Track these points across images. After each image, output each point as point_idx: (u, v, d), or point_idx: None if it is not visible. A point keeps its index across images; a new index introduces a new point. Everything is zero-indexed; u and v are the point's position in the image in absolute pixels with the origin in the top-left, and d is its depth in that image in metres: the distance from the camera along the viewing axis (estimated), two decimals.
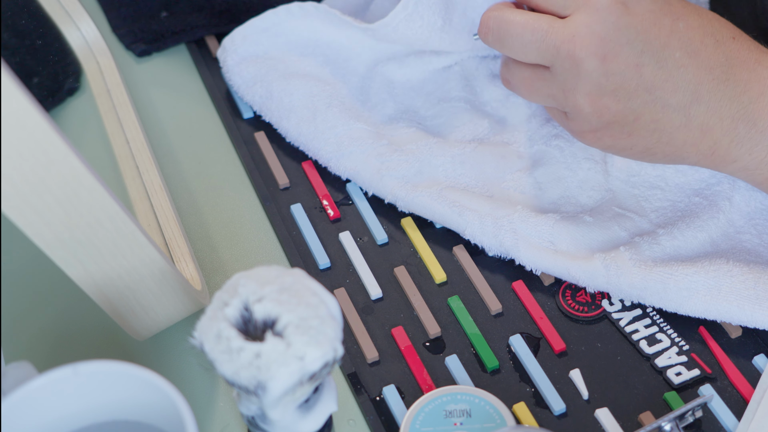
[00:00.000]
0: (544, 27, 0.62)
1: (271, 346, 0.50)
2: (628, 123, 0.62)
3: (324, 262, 0.69)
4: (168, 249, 0.69)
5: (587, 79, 0.61)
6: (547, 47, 0.62)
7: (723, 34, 0.62)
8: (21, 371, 0.56)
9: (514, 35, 0.63)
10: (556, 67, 0.62)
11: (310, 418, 0.55)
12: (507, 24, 0.63)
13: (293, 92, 0.75)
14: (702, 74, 0.61)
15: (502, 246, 0.67)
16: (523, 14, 0.63)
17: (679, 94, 0.61)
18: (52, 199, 0.52)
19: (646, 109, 0.62)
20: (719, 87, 0.61)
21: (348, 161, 0.72)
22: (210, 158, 0.77)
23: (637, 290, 0.64)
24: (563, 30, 0.61)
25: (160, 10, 0.86)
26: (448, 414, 0.60)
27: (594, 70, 0.61)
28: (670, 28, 0.61)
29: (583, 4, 0.61)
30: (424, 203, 0.69)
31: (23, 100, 0.49)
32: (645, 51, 0.61)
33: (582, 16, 0.61)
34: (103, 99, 0.80)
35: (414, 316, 0.66)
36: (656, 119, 0.62)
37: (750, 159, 0.63)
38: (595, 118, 0.62)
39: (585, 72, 0.61)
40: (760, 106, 0.61)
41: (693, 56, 0.61)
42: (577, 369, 0.63)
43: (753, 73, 0.62)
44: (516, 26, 0.63)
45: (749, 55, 0.62)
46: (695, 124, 0.62)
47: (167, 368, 0.64)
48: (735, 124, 0.62)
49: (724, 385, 0.62)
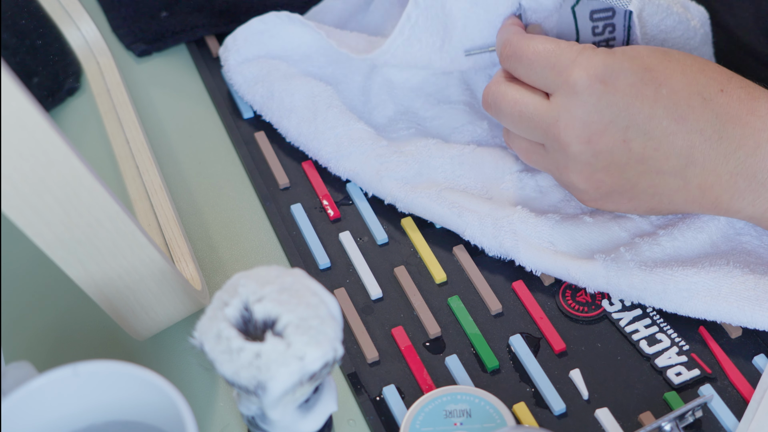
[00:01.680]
0: (530, 108, 0.63)
1: (271, 346, 0.50)
2: (626, 191, 0.63)
3: (324, 262, 0.69)
4: (168, 249, 0.69)
5: (576, 160, 0.62)
6: (536, 128, 0.63)
7: (710, 88, 0.60)
8: (21, 371, 0.56)
9: (507, 113, 0.64)
10: (547, 146, 0.63)
11: (310, 418, 0.55)
12: (500, 99, 0.64)
13: (294, 92, 0.75)
14: (693, 138, 0.60)
15: (502, 247, 0.67)
16: (515, 90, 0.64)
17: (672, 160, 0.60)
18: (52, 199, 0.52)
19: (641, 178, 0.62)
20: (712, 147, 0.60)
21: (347, 162, 0.72)
22: (210, 158, 0.77)
23: (637, 291, 0.64)
24: (548, 113, 0.62)
25: (160, 10, 0.86)
26: (448, 414, 0.60)
27: (581, 153, 0.61)
28: (654, 98, 0.60)
29: (562, 84, 0.61)
30: (424, 204, 0.69)
31: (23, 100, 0.49)
32: (630, 126, 0.60)
33: (563, 99, 0.61)
34: (103, 99, 0.80)
35: (414, 316, 0.66)
36: (653, 185, 0.62)
37: (753, 210, 0.62)
38: (593, 191, 0.63)
39: (573, 154, 0.61)
40: (757, 159, 0.60)
41: (681, 121, 0.60)
42: (577, 369, 0.63)
43: (746, 128, 0.60)
44: (508, 103, 0.64)
45: (740, 107, 0.60)
46: (693, 185, 0.61)
47: (167, 368, 0.64)
48: (734, 179, 0.60)
49: (724, 385, 0.62)
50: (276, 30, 0.78)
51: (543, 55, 0.62)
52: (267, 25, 0.78)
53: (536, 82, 0.63)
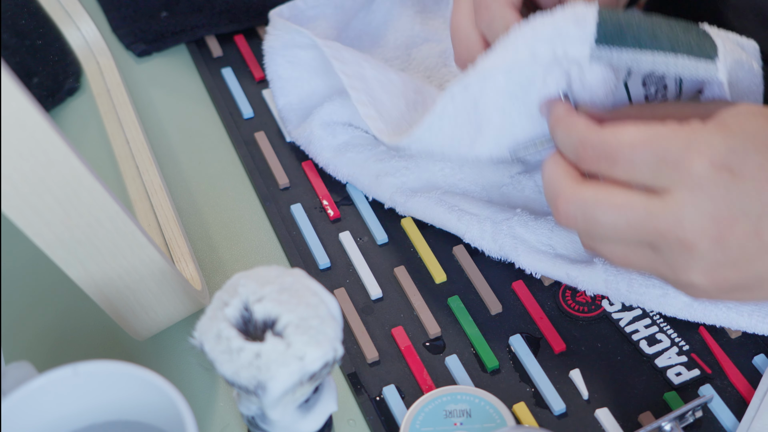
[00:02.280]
0: (641, 213, 0.53)
1: (271, 346, 0.50)
2: (752, 285, 0.55)
3: (324, 262, 0.69)
4: (168, 249, 0.69)
5: (701, 259, 0.53)
6: (649, 233, 0.53)
7: None
8: (21, 371, 0.56)
9: (607, 223, 0.54)
10: (662, 249, 0.54)
11: (310, 418, 0.55)
12: (594, 209, 0.54)
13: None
14: None
15: (502, 250, 0.67)
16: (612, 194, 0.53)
17: None
18: (52, 199, 0.52)
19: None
20: None
21: (346, 167, 0.72)
22: (210, 158, 0.77)
23: (637, 295, 0.64)
24: (665, 215, 0.52)
25: (160, 10, 0.86)
26: (448, 414, 0.60)
27: (709, 251, 0.52)
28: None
29: (680, 179, 0.52)
30: (423, 208, 0.69)
31: (23, 100, 0.49)
32: (763, 215, 0.52)
33: (684, 194, 0.52)
34: (103, 99, 0.80)
35: (414, 316, 0.66)
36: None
37: None
38: (713, 288, 0.55)
39: (699, 254, 0.53)
40: None
41: None
42: (577, 369, 0.63)
43: None
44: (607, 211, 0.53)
45: None
46: None
47: (167, 368, 0.64)
48: None
49: (724, 385, 0.62)
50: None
51: (644, 147, 0.52)
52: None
53: (640, 180, 0.53)
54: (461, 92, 0.60)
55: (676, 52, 0.57)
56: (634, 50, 0.57)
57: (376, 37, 0.81)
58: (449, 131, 0.62)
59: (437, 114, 0.61)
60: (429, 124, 0.62)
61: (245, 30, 0.85)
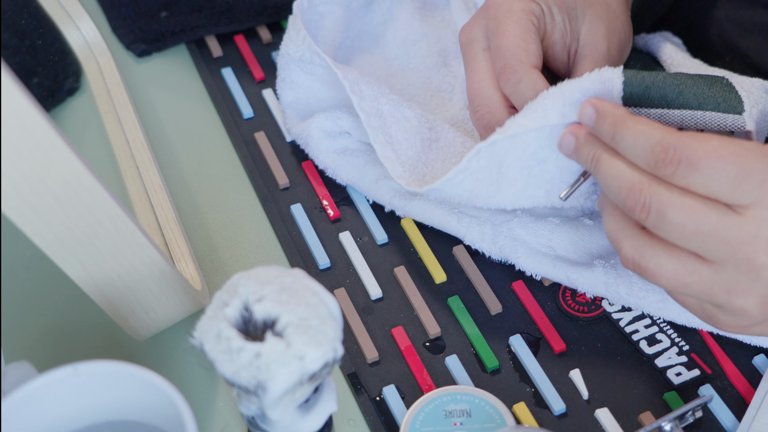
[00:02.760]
0: (713, 222, 0.52)
1: (271, 346, 0.50)
2: None
3: (324, 262, 0.69)
4: (168, 249, 0.69)
5: (764, 285, 0.52)
6: (717, 244, 0.52)
7: None
8: (21, 371, 0.56)
9: (677, 223, 0.53)
10: (725, 266, 0.53)
11: (310, 418, 0.55)
12: (667, 205, 0.53)
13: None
14: None
15: (502, 252, 0.67)
16: (688, 198, 0.52)
17: None
18: (52, 199, 0.52)
19: None
20: None
21: (345, 171, 0.72)
22: (210, 158, 0.77)
23: (636, 299, 0.64)
24: (739, 229, 0.51)
25: (160, 10, 0.86)
26: (448, 414, 0.60)
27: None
28: None
29: (763, 198, 0.51)
30: (423, 210, 0.69)
31: (23, 100, 0.49)
32: None
33: (764, 212, 0.51)
34: (103, 99, 0.80)
35: (414, 316, 0.66)
36: None
37: None
38: (760, 317, 0.54)
39: (764, 277, 0.52)
40: None
41: None
42: (577, 369, 0.63)
43: None
44: (680, 212, 0.52)
45: None
46: None
47: (167, 368, 0.64)
48: None
49: (724, 385, 0.62)
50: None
51: (731, 160, 0.51)
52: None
53: (717, 192, 0.52)
54: (487, 149, 0.61)
55: (704, 109, 0.58)
56: (661, 109, 0.59)
57: (375, 36, 0.81)
58: (469, 186, 0.63)
59: (461, 170, 0.62)
60: (450, 178, 0.63)
61: (245, 30, 0.85)
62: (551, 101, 0.59)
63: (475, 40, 0.65)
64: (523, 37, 0.63)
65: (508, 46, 0.63)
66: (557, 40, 0.65)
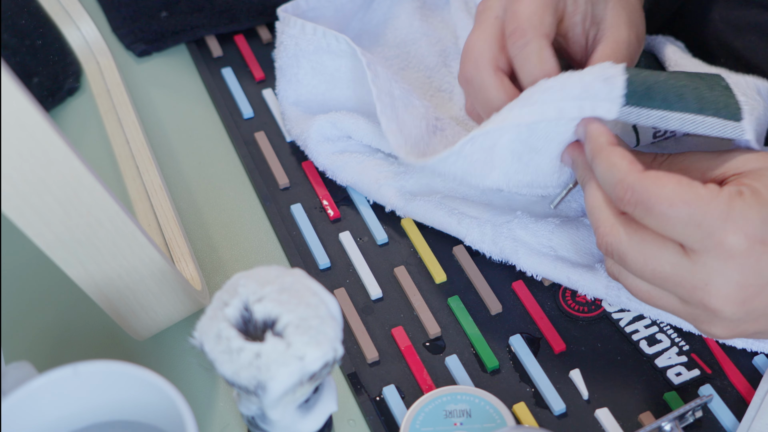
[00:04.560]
0: (667, 269, 0.54)
1: (271, 346, 0.50)
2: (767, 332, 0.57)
3: (324, 262, 0.69)
4: (168, 249, 0.69)
5: (724, 320, 0.55)
6: (675, 287, 0.55)
7: None
8: (21, 371, 0.56)
9: (635, 268, 0.55)
10: (689, 303, 0.55)
11: (310, 418, 0.55)
12: (626, 252, 0.55)
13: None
14: None
15: (503, 252, 0.67)
16: (645, 244, 0.55)
17: None
18: (52, 199, 0.52)
19: None
20: None
21: (345, 173, 0.72)
22: (210, 158, 0.77)
23: (636, 302, 0.64)
24: (693, 276, 0.54)
25: (160, 10, 0.86)
26: (448, 414, 0.60)
27: (733, 314, 0.54)
28: None
29: (713, 247, 0.53)
30: (424, 211, 0.69)
31: (23, 100, 0.49)
32: None
33: (714, 263, 0.53)
34: (103, 99, 0.80)
35: (414, 316, 0.66)
36: None
37: None
38: (731, 336, 0.57)
39: (722, 316, 0.54)
40: None
41: None
42: (577, 369, 0.63)
43: None
44: (636, 258, 0.55)
45: None
46: None
47: (167, 368, 0.64)
48: None
49: (724, 385, 0.62)
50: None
51: (682, 207, 0.53)
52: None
53: (671, 235, 0.54)
54: (481, 135, 0.61)
55: (705, 113, 0.58)
56: (662, 111, 0.58)
57: (375, 36, 0.81)
58: (463, 165, 0.63)
59: (454, 152, 0.62)
60: (444, 158, 0.63)
61: (245, 30, 0.85)
62: (550, 96, 0.58)
63: (489, 8, 0.66)
64: (541, 7, 0.63)
65: (525, 11, 0.63)
66: (578, 22, 0.66)
